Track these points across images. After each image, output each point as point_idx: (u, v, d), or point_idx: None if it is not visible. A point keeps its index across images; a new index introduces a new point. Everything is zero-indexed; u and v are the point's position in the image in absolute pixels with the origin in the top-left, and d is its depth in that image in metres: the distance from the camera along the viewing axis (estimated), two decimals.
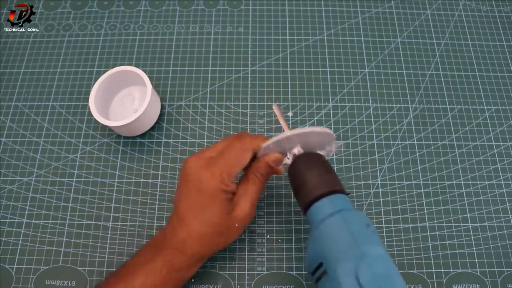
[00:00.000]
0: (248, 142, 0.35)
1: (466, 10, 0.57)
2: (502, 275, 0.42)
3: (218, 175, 0.33)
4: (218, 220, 0.34)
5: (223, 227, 0.34)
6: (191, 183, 0.34)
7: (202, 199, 0.33)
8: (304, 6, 0.57)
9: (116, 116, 0.47)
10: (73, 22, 0.56)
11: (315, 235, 0.31)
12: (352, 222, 0.30)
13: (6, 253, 0.42)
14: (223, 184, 0.33)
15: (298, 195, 0.34)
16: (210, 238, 0.34)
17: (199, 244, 0.34)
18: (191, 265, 0.35)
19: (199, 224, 0.34)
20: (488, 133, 0.49)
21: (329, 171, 0.34)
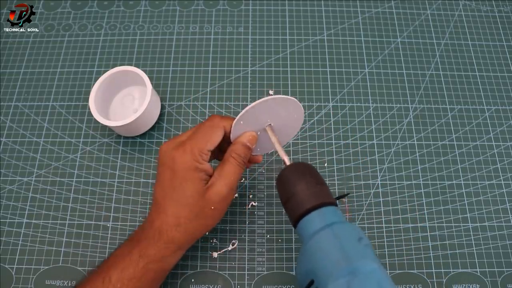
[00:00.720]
0: (218, 121, 0.35)
1: (466, 10, 0.57)
2: (502, 275, 0.42)
3: (189, 152, 0.33)
4: (192, 200, 0.33)
5: (197, 208, 0.33)
6: (165, 166, 0.34)
7: (175, 179, 0.33)
8: (304, 6, 0.57)
9: (116, 116, 0.47)
10: (73, 22, 0.56)
11: (305, 250, 0.30)
12: (343, 236, 0.29)
13: (6, 253, 0.42)
14: (195, 161, 0.33)
15: (287, 208, 0.33)
16: (185, 221, 0.34)
17: (175, 230, 0.33)
18: (169, 254, 0.34)
19: (173, 206, 0.33)
20: (488, 133, 0.49)
21: (319, 181, 0.33)
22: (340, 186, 0.45)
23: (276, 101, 0.34)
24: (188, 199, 0.33)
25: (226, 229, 0.43)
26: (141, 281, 0.33)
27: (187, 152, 0.33)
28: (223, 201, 0.34)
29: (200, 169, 0.34)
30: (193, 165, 0.33)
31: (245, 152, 0.36)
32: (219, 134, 0.35)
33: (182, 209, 0.33)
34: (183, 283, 0.41)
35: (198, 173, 0.34)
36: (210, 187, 0.34)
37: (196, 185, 0.33)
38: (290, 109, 0.36)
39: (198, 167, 0.34)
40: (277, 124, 0.37)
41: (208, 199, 0.34)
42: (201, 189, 0.33)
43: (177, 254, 0.35)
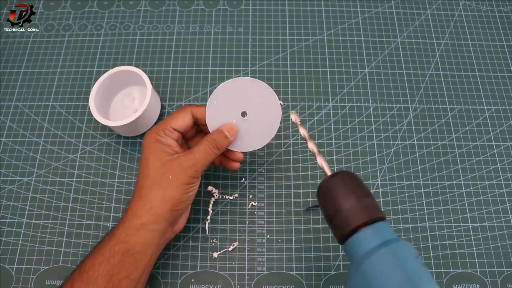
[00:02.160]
0: (187, 106, 0.39)
1: (466, 10, 0.57)
2: (502, 275, 0.42)
3: (154, 130, 0.37)
4: (152, 167, 0.35)
5: (156, 175, 0.35)
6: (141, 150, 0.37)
7: (143, 154, 0.36)
8: (304, 6, 0.57)
9: (116, 116, 0.47)
10: (73, 22, 0.56)
11: (360, 271, 0.27)
12: (403, 256, 0.26)
13: (6, 253, 0.42)
14: (158, 135, 0.36)
15: (332, 224, 0.30)
16: (146, 191, 0.35)
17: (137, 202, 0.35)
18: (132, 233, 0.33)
19: (139, 178, 0.36)
20: (488, 133, 0.49)
21: (366, 193, 0.30)
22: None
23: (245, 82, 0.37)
24: (148, 168, 0.35)
25: (226, 229, 0.43)
26: (110, 263, 0.32)
27: (153, 130, 0.37)
28: (183, 173, 0.35)
29: (162, 141, 0.36)
30: (155, 138, 0.36)
31: (221, 138, 0.37)
32: (185, 115, 0.38)
33: (143, 180, 0.35)
34: (183, 283, 0.41)
35: (160, 145, 0.36)
36: (173, 158, 0.36)
37: (157, 155, 0.36)
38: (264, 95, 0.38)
39: (160, 139, 0.36)
40: (253, 114, 0.38)
41: (168, 167, 0.35)
42: (162, 158, 0.36)
43: (142, 233, 0.34)
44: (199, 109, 0.38)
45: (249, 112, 0.39)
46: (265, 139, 0.40)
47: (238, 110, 0.38)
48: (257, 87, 0.38)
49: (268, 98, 0.39)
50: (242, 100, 0.38)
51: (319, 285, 0.41)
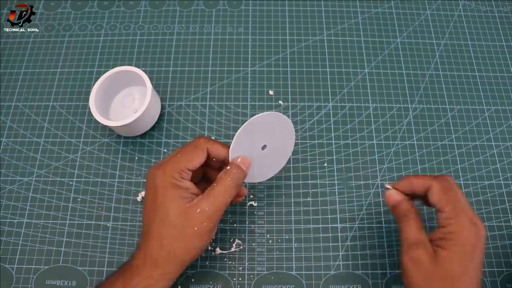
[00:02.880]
0: (202, 142, 0.35)
1: (466, 10, 0.57)
2: (501, 275, 0.42)
3: (169, 171, 0.33)
4: (173, 218, 0.32)
5: (179, 227, 0.32)
6: (148, 187, 0.34)
7: (157, 199, 0.33)
8: (304, 6, 0.57)
9: (116, 116, 0.47)
10: (73, 22, 0.56)
11: None
12: None
13: (6, 253, 0.42)
14: (174, 178, 0.33)
15: None
16: (168, 242, 0.32)
17: (158, 252, 0.32)
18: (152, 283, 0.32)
19: (156, 226, 0.33)
20: (488, 133, 0.49)
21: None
22: (340, 186, 0.45)
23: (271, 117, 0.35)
24: (169, 218, 0.32)
25: (226, 229, 0.43)
26: None
27: (167, 171, 0.33)
28: (208, 221, 0.33)
29: (179, 186, 0.33)
30: (171, 182, 0.33)
31: (238, 174, 0.35)
32: (201, 155, 0.35)
33: (164, 229, 0.32)
34: (183, 283, 0.41)
35: (178, 190, 0.33)
36: (194, 205, 0.33)
37: (177, 203, 0.33)
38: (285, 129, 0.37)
39: (178, 184, 0.33)
40: (270, 146, 0.37)
41: (191, 218, 0.32)
42: (182, 206, 0.33)
43: (162, 282, 0.33)
44: (213, 145, 0.35)
45: (267, 145, 0.37)
46: (276, 169, 0.40)
47: (259, 144, 0.37)
48: (281, 121, 0.37)
49: (287, 132, 0.38)
50: (265, 134, 0.36)
51: (319, 285, 0.41)
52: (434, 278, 0.31)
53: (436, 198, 0.33)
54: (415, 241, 0.33)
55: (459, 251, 0.31)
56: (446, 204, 0.32)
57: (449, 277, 0.31)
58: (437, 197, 0.33)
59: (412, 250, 0.32)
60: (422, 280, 0.32)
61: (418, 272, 0.32)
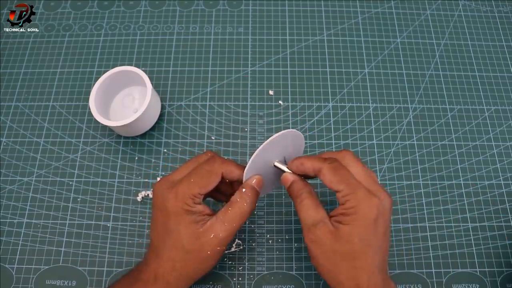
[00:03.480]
0: (217, 166, 0.34)
1: (466, 10, 0.57)
2: (501, 275, 0.42)
3: (181, 196, 0.32)
4: (186, 243, 0.32)
5: (192, 252, 0.32)
6: (158, 208, 0.33)
7: (169, 222, 0.32)
8: (304, 6, 0.57)
9: (116, 116, 0.47)
10: (73, 22, 0.56)
11: None
12: None
13: (6, 253, 0.42)
14: (187, 205, 0.32)
15: None
16: (181, 265, 0.32)
17: (170, 274, 0.32)
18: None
19: (168, 250, 0.32)
20: (488, 133, 0.49)
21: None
22: None
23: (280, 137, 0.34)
24: (182, 243, 0.32)
25: None
26: None
27: (179, 197, 0.32)
28: (221, 245, 0.33)
29: (193, 211, 0.32)
30: (184, 209, 0.32)
31: (254, 197, 0.34)
32: (215, 180, 0.34)
33: (177, 253, 0.32)
34: None
35: (191, 216, 0.32)
36: (208, 230, 0.32)
37: (190, 228, 0.32)
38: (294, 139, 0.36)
39: (191, 210, 0.32)
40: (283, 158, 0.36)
41: (204, 242, 0.32)
42: (195, 231, 0.32)
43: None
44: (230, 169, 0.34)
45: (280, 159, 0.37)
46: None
47: (273, 160, 0.36)
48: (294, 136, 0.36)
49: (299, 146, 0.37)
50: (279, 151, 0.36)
51: (319, 285, 0.41)
52: (336, 255, 0.31)
53: (328, 180, 0.32)
54: (313, 221, 0.32)
55: (359, 224, 0.30)
56: (339, 183, 0.32)
57: (351, 252, 0.31)
58: (328, 179, 0.32)
59: (311, 231, 0.32)
60: (326, 259, 0.32)
61: (321, 251, 0.32)
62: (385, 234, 0.32)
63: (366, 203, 0.31)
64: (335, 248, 0.31)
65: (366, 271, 0.31)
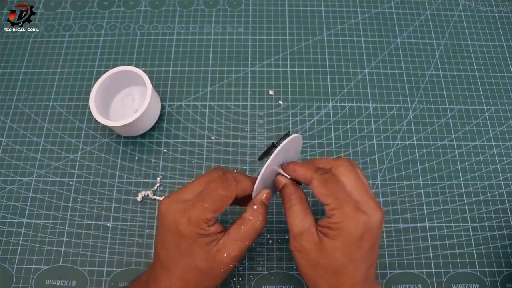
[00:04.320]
0: (233, 190, 0.33)
1: (466, 10, 0.57)
2: (501, 275, 0.42)
3: (195, 221, 0.31)
4: (201, 264, 0.32)
5: (206, 271, 0.32)
6: (168, 229, 0.32)
7: (182, 245, 0.32)
8: (304, 6, 0.57)
9: (116, 116, 0.47)
10: (73, 22, 0.56)
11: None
12: None
13: (6, 253, 0.42)
14: (201, 229, 0.31)
15: None
16: (194, 284, 0.32)
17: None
18: None
19: (181, 270, 0.32)
20: (488, 133, 0.49)
21: None
22: None
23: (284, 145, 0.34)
24: (196, 264, 0.32)
25: None
26: None
27: (192, 222, 0.31)
28: (234, 263, 0.33)
29: (206, 235, 0.32)
30: (198, 233, 0.31)
31: (265, 213, 0.34)
32: (229, 202, 0.33)
33: (190, 274, 0.32)
34: None
35: (205, 238, 0.32)
36: (221, 249, 0.32)
37: (204, 250, 0.32)
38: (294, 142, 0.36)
39: (205, 233, 0.31)
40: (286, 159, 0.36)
41: (218, 261, 0.32)
42: (209, 252, 0.32)
43: None
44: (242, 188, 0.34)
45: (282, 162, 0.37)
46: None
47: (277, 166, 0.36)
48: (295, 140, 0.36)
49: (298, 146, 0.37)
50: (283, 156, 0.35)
51: None
52: (318, 267, 0.31)
53: (316, 192, 0.32)
54: (299, 229, 0.32)
55: (343, 241, 0.30)
56: (327, 197, 0.31)
57: (333, 266, 0.31)
58: (317, 191, 0.32)
59: (297, 239, 0.32)
60: (309, 268, 0.32)
61: (305, 260, 0.32)
62: (372, 248, 0.31)
63: (352, 221, 0.30)
64: (318, 259, 0.31)
65: (348, 284, 0.31)
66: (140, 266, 0.42)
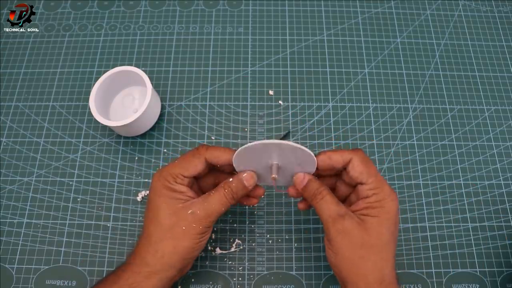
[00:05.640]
0: (201, 150, 0.35)
1: (466, 10, 0.57)
2: (501, 275, 0.42)
3: (164, 175, 0.34)
4: (162, 216, 0.33)
5: (167, 225, 0.33)
6: (149, 192, 0.35)
7: (152, 200, 0.34)
8: (304, 6, 0.57)
9: (116, 116, 0.47)
10: (73, 22, 0.56)
11: None
12: None
13: (6, 253, 0.42)
14: (167, 181, 0.34)
15: None
16: (156, 239, 0.33)
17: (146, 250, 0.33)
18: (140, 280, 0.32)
19: (147, 225, 0.34)
20: (488, 133, 0.49)
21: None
22: None
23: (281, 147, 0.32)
24: (159, 217, 0.33)
25: (226, 229, 0.43)
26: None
27: (162, 175, 0.34)
28: (197, 224, 0.33)
29: (172, 188, 0.34)
30: (165, 185, 0.34)
31: (238, 188, 0.35)
32: (197, 164, 0.35)
33: (153, 227, 0.33)
34: (183, 283, 0.41)
35: (171, 192, 0.34)
36: (186, 207, 0.33)
37: (168, 203, 0.33)
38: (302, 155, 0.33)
39: (171, 187, 0.34)
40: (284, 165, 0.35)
41: (181, 217, 0.33)
42: (173, 206, 0.33)
43: (151, 280, 0.33)
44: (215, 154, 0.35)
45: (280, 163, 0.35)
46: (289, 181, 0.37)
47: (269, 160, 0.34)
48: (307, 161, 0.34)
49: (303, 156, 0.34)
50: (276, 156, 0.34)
51: (319, 285, 0.41)
52: (364, 246, 0.31)
53: (358, 170, 0.33)
54: (339, 213, 0.32)
55: (387, 217, 0.32)
56: (369, 176, 0.33)
57: (379, 244, 0.32)
58: (359, 169, 0.33)
59: (339, 222, 0.32)
60: (352, 251, 0.32)
61: (348, 243, 0.32)
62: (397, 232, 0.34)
63: (391, 198, 0.32)
64: (364, 239, 0.31)
65: (390, 263, 0.32)
66: None
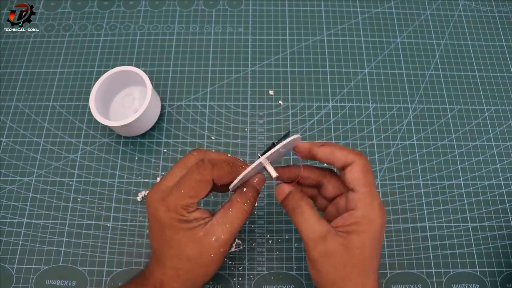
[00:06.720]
0: (208, 173, 0.32)
1: (466, 10, 0.57)
2: (501, 275, 0.42)
3: (173, 208, 0.31)
4: (188, 250, 0.31)
5: (195, 258, 0.31)
6: (153, 218, 0.32)
7: (166, 233, 0.31)
8: (304, 6, 0.57)
9: (116, 116, 0.47)
10: (73, 22, 0.56)
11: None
12: None
13: (6, 253, 0.42)
14: (181, 215, 0.31)
15: None
16: (185, 272, 0.31)
17: (175, 281, 0.31)
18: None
19: (170, 259, 0.32)
20: (488, 133, 0.49)
21: None
22: None
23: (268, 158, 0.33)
24: (184, 252, 0.31)
25: None
26: None
27: (171, 208, 0.31)
28: (224, 247, 0.32)
29: (188, 220, 0.31)
30: (179, 219, 0.31)
31: (254, 196, 0.34)
32: (207, 188, 0.32)
33: (179, 262, 0.31)
34: None
35: (187, 224, 0.31)
36: (208, 233, 0.31)
37: (189, 235, 0.31)
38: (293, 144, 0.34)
39: (186, 219, 0.31)
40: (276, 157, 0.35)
41: (206, 246, 0.31)
42: (195, 237, 0.31)
43: None
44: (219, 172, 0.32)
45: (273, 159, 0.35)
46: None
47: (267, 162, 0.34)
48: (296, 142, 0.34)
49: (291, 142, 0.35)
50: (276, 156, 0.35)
51: None
52: (347, 266, 0.30)
53: (355, 176, 0.31)
54: (320, 233, 0.30)
55: (371, 236, 0.30)
56: (363, 185, 0.30)
57: (362, 263, 0.30)
58: (356, 174, 0.31)
59: (321, 244, 0.30)
60: (335, 271, 0.30)
61: (331, 264, 0.30)
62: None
63: (379, 215, 0.30)
64: (346, 259, 0.30)
65: (372, 279, 0.31)
66: (140, 266, 0.42)
